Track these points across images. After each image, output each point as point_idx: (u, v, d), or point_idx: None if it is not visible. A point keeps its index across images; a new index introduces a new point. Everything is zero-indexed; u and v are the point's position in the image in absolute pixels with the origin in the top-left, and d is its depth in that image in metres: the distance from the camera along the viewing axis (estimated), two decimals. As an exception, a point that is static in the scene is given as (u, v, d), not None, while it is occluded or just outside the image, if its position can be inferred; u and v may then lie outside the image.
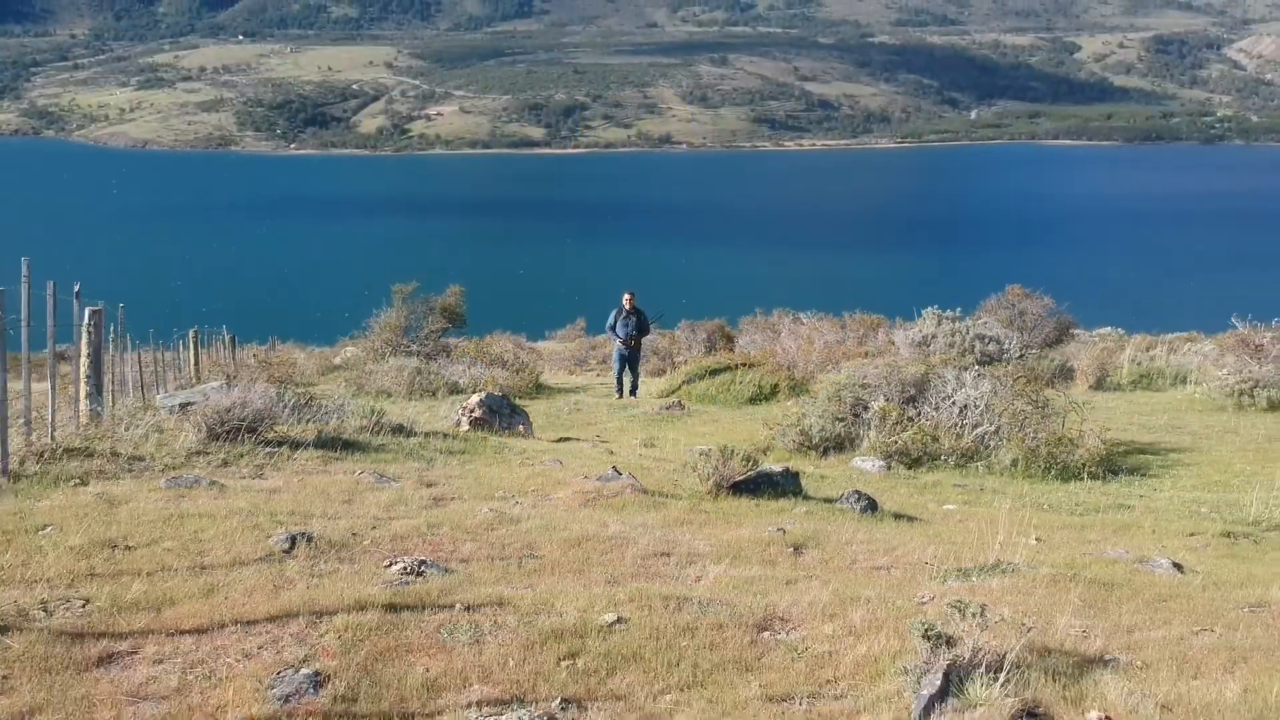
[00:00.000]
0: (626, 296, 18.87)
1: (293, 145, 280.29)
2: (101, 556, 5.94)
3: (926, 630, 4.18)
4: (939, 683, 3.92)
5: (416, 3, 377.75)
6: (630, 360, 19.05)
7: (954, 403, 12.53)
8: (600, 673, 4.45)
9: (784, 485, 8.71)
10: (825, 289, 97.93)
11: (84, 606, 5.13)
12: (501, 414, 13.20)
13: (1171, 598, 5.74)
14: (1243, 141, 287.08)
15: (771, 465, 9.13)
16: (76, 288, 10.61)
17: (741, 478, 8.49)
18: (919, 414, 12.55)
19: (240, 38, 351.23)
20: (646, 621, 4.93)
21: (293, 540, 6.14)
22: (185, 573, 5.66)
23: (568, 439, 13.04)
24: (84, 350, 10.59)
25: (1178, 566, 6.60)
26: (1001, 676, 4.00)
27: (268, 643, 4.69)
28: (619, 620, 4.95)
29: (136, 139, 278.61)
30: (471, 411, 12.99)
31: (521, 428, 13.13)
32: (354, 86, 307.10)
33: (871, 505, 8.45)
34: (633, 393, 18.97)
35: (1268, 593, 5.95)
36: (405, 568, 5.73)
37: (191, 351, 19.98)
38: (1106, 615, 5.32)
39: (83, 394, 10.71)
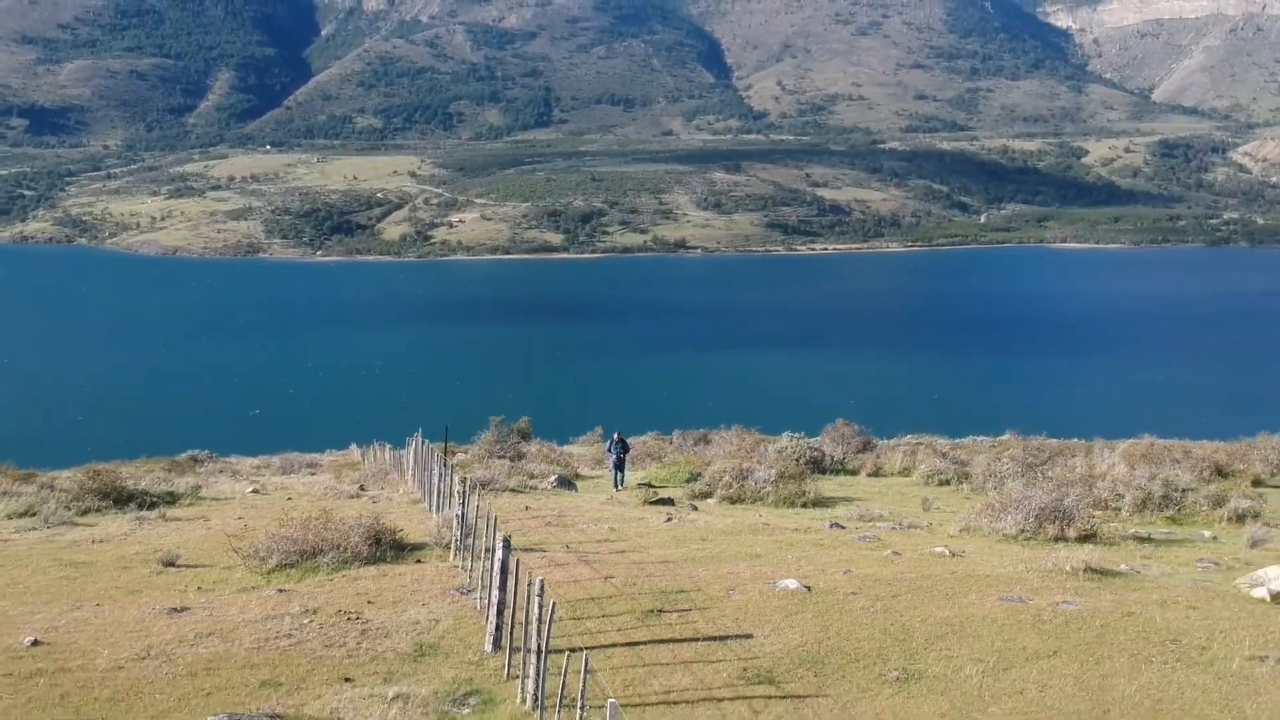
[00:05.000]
0: (616, 434, 37.07)
1: (319, 252, 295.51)
2: (524, 510, 24.84)
3: (668, 514, 23.05)
4: (667, 519, 22.72)
5: (439, 113, 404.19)
6: (619, 467, 36.96)
7: (759, 478, 31.21)
8: (607, 521, 23.39)
9: (668, 503, 27.51)
10: (791, 391, 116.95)
11: (534, 517, 23.95)
12: (566, 484, 32.10)
13: (729, 516, 24.47)
14: (1248, 244, 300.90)
15: (665, 496, 27.98)
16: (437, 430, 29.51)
17: (653, 499, 27.36)
18: (745, 482, 31.20)
19: (268, 148, 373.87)
20: (614, 516, 23.83)
21: (525, 507, 25.01)
22: (535, 521, 24.51)
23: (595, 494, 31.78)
24: (417, 455, 29.54)
25: (766, 524, 25.34)
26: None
27: (545, 523, 23.55)
28: (610, 525, 23.81)
29: (167, 246, 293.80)
30: (553, 484, 31.87)
31: (574, 490, 31.97)
32: (378, 195, 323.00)
33: (695, 509, 27.17)
34: (620, 486, 36.79)
35: (794, 525, 24.74)
36: (557, 512, 24.62)
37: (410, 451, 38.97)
38: (730, 515, 24.01)
39: (414, 476, 29.58)
